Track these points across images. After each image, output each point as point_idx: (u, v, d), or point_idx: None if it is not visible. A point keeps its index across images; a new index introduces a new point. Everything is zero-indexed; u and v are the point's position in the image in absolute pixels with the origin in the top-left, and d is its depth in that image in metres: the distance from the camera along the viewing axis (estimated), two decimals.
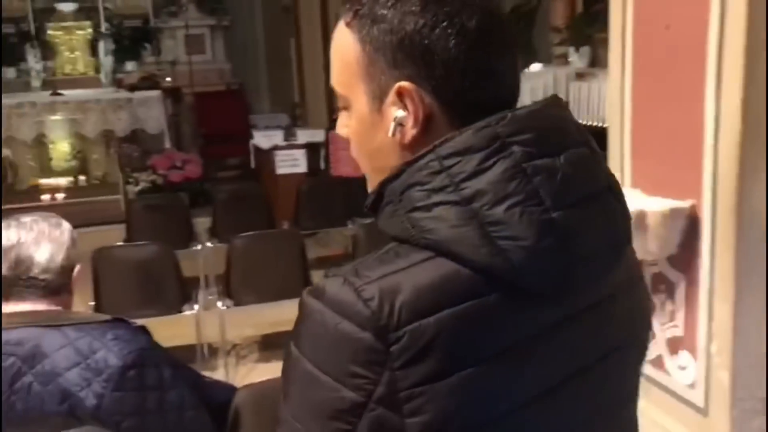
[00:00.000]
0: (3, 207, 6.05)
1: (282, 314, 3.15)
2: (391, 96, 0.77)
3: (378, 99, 0.79)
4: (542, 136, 0.74)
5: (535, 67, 5.60)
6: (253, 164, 6.52)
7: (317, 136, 6.21)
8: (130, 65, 8.01)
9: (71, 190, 7.04)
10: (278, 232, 4.49)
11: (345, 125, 0.84)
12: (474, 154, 0.72)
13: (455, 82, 0.76)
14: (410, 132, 0.77)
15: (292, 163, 5.90)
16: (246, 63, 9.24)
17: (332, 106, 7.09)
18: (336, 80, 0.83)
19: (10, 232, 1.54)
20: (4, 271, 1.51)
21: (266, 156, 6.04)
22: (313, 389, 0.70)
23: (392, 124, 0.78)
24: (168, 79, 7.91)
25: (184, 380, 1.57)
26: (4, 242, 1.53)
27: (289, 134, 6.18)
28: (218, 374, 3.55)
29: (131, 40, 8.07)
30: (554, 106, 0.79)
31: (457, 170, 0.72)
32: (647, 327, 0.90)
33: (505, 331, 0.71)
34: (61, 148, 7.30)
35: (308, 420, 0.70)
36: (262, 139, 6.13)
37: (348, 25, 0.80)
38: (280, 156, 5.89)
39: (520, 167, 0.71)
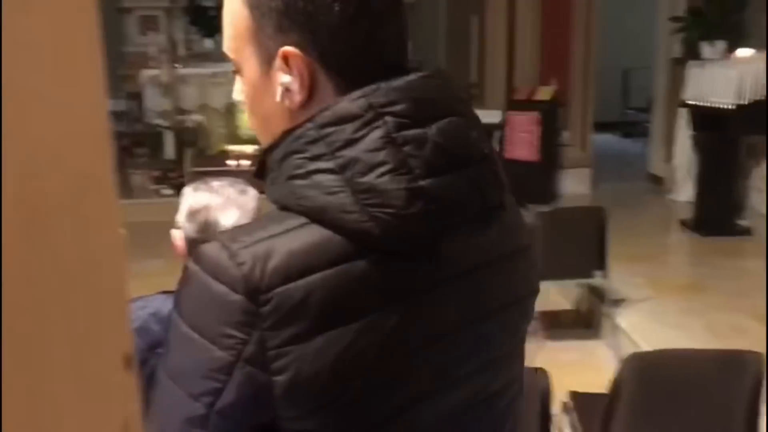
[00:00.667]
0: (194, 169, 6.49)
1: None
2: (278, 61, 0.79)
3: (266, 64, 0.80)
4: (416, 107, 0.76)
5: (744, 52, 5.08)
6: None
7: (494, 117, 6.06)
8: None
9: (255, 158, 7.40)
10: None
11: (240, 90, 0.86)
12: (348, 123, 0.74)
13: (340, 50, 0.78)
14: (297, 98, 0.79)
15: None
16: (426, 41, 9.22)
17: (511, 86, 6.88)
18: (227, 45, 0.84)
19: (200, 195, 1.58)
20: (193, 234, 1.56)
21: None
22: (188, 350, 0.73)
23: (279, 89, 0.79)
24: None
25: None
26: (194, 204, 1.58)
27: None
28: None
29: None
30: (434, 77, 0.80)
31: (333, 139, 0.74)
32: (532, 291, 0.92)
33: (374, 294, 0.74)
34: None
35: (182, 379, 0.74)
36: None
37: None
38: None
39: (391, 137, 0.74)
